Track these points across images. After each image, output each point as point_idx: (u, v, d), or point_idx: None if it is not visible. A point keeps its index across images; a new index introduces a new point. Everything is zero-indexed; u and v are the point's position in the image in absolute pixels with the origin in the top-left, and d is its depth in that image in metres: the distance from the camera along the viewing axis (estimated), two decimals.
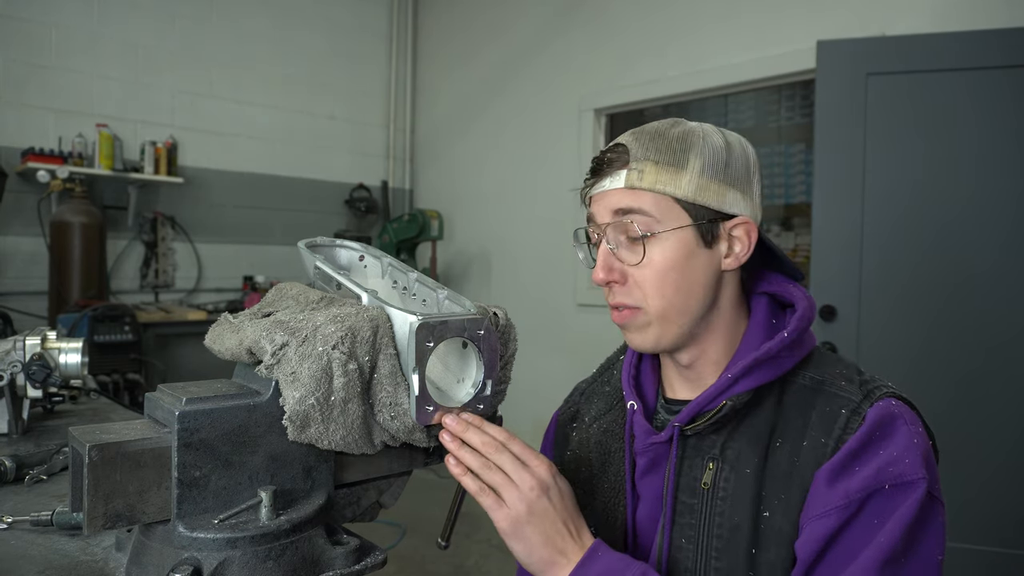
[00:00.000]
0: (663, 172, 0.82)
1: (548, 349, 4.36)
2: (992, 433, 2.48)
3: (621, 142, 0.86)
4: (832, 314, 2.67)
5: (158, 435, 0.64)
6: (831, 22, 3.21)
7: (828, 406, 0.80)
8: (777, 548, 0.77)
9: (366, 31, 5.39)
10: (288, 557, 0.64)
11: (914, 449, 0.75)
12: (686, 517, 0.83)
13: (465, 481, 0.75)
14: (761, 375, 0.83)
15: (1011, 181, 2.46)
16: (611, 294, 0.86)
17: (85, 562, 0.76)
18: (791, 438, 0.80)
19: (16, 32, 3.83)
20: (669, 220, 0.82)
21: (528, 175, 4.74)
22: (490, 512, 0.75)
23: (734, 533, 0.79)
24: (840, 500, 0.73)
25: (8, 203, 3.66)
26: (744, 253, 0.85)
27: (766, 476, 0.80)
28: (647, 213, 0.82)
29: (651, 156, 0.83)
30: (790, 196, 4.79)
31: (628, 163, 0.83)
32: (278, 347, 0.67)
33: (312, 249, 0.93)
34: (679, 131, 0.84)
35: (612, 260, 0.85)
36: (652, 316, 0.84)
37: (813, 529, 0.74)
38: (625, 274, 0.84)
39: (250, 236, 4.81)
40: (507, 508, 0.74)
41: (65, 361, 1.34)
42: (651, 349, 0.87)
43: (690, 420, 0.84)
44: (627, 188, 0.83)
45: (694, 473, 0.84)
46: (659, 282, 0.83)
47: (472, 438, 0.75)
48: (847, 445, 0.76)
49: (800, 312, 0.85)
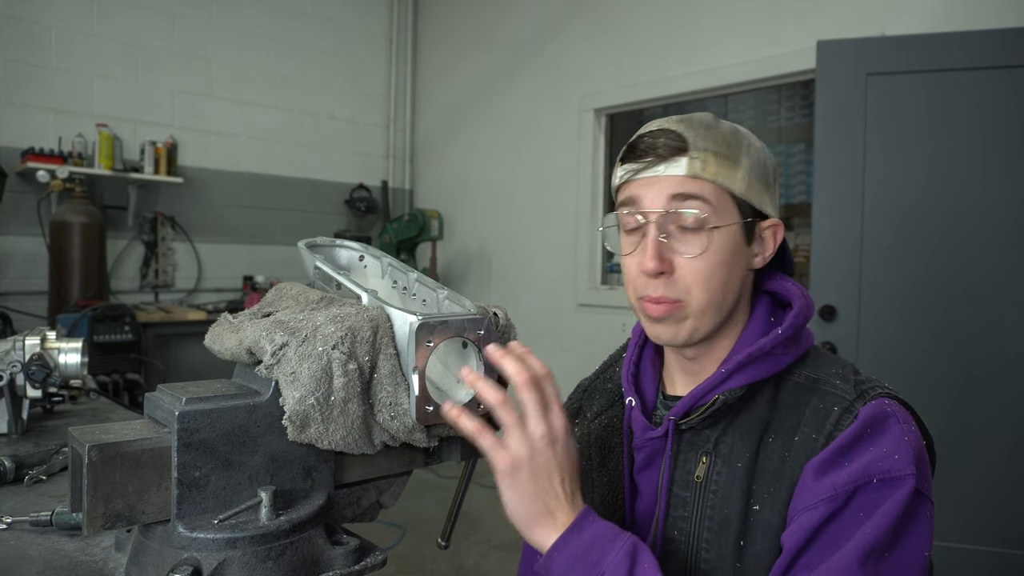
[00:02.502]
0: (723, 165, 0.81)
1: (548, 349, 4.36)
2: (992, 433, 2.48)
3: (671, 128, 0.83)
4: (832, 314, 2.67)
5: (158, 435, 0.64)
6: (831, 22, 3.21)
7: (821, 403, 0.80)
8: (764, 540, 0.77)
9: (366, 31, 5.39)
10: (288, 557, 0.64)
11: (904, 446, 0.75)
12: (679, 510, 0.84)
13: (462, 421, 0.71)
14: (755, 371, 0.83)
15: (1012, 181, 2.46)
16: (652, 285, 0.83)
17: (85, 562, 0.76)
18: (783, 434, 0.80)
19: (16, 32, 3.83)
20: (724, 214, 0.82)
21: (528, 175, 4.74)
22: (490, 453, 0.71)
23: (723, 526, 0.80)
24: (828, 492, 0.73)
25: (8, 203, 3.66)
26: (770, 254, 0.87)
27: (757, 471, 0.80)
28: (709, 202, 0.81)
29: (710, 147, 0.81)
30: (790, 196, 4.79)
31: (687, 151, 0.81)
32: (278, 347, 0.67)
33: (312, 249, 0.93)
34: (728, 127, 0.84)
35: (664, 249, 0.82)
36: (692, 310, 0.82)
37: (800, 520, 0.74)
38: (673, 265, 0.82)
39: (250, 236, 4.81)
40: (510, 450, 0.71)
41: (65, 361, 1.34)
42: (682, 343, 0.85)
43: (684, 414, 0.84)
44: (689, 176, 0.81)
45: (688, 467, 0.84)
46: (710, 275, 0.81)
47: (508, 365, 0.71)
48: (837, 440, 0.76)
49: (796, 309, 0.86)
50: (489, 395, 0.71)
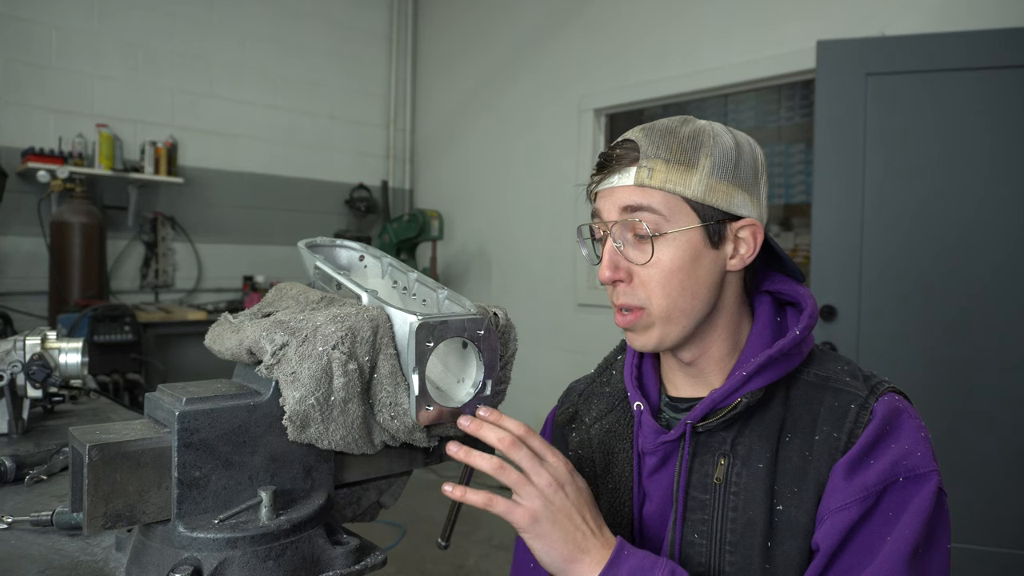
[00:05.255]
0: (673, 171, 0.81)
1: (548, 349, 4.36)
2: (993, 433, 2.48)
3: (630, 138, 0.85)
4: (832, 314, 2.67)
5: (158, 435, 0.64)
6: (831, 22, 3.21)
7: (836, 401, 0.82)
8: (793, 540, 0.78)
9: (366, 31, 5.39)
10: (288, 557, 0.64)
11: (923, 442, 0.78)
12: (698, 513, 0.84)
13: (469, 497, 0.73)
14: (773, 372, 0.84)
15: (1012, 180, 2.46)
16: (615, 293, 0.86)
17: (85, 562, 0.76)
18: (801, 433, 0.82)
19: (16, 32, 3.83)
20: (678, 220, 0.82)
21: (528, 175, 4.74)
22: (507, 516, 0.73)
23: (748, 527, 0.80)
24: (859, 493, 0.76)
25: (8, 203, 3.66)
26: (749, 255, 0.85)
27: (778, 470, 0.81)
28: (656, 211, 0.82)
29: (662, 154, 0.82)
30: (790, 196, 4.79)
31: (638, 160, 0.82)
32: (278, 347, 0.67)
33: (312, 249, 0.93)
34: (690, 129, 0.84)
35: (618, 258, 0.84)
36: (656, 316, 0.84)
37: (834, 521, 0.76)
38: (631, 273, 0.84)
39: (250, 236, 4.81)
40: (524, 505, 0.73)
41: (65, 361, 1.34)
42: (653, 349, 0.87)
43: (703, 417, 0.85)
44: (636, 186, 0.82)
45: (705, 469, 0.84)
46: (665, 282, 0.82)
47: (488, 435, 0.73)
48: (861, 439, 0.78)
49: (808, 310, 0.87)
50: (485, 464, 0.73)
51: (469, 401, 0.75)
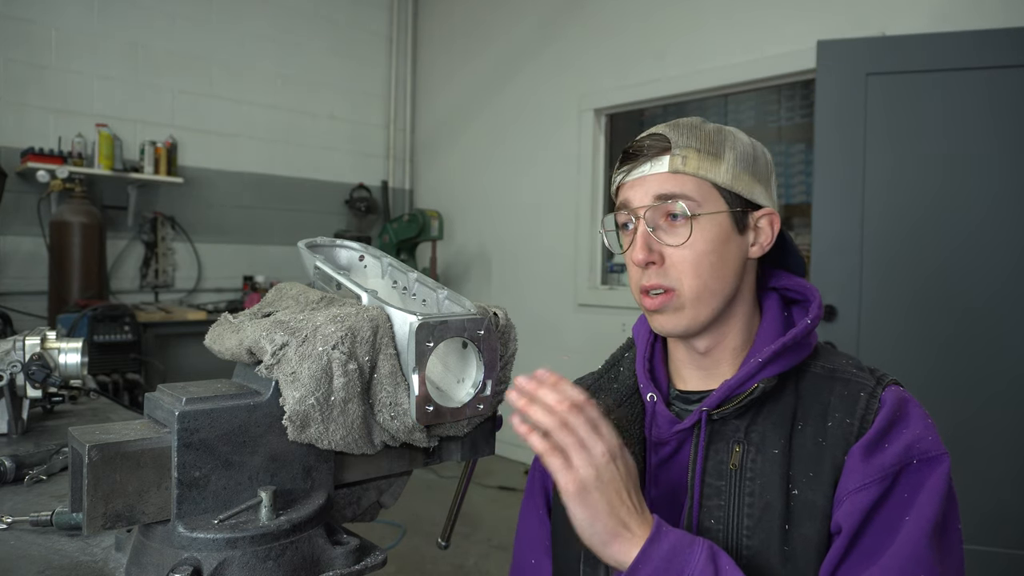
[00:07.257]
0: (704, 159, 0.86)
1: (548, 349, 4.36)
2: (992, 433, 2.48)
3: (657, 132, 0.90)
4: (832, 314, 2.67)
5: (158, 435, 0.64)
6: (831, 22, 3.21)
7: (846, 390, 0.85)
8: (811, 522, 0.80)
9: (366, 31, 5.39)
10: (288, 557, 0.64)
11: (931, 428, 0.82)
12: (714, 499, 0.85)
13: (532, 440, 0.73)
14: (786, 360, 0.87)
15: (1013, 180, 2.46)
16: (645, 275, 0.88)
17: (85, 562, 0.76)
18: (813, 421, 0.84)
19: (16, 32, 3.83)
20: (709, 204, 0.87)
21: (528, 175, 4.74)
22: (556, 474, 0.73)
23: (766, 511, 0.82)
24: (877, 473, 0.78)
25: (8, 203, 3.66)
26: (768, 243, 0.91)
27: (792, 456, 0.83)
28: (690, 198, 0.86)
29: (692, 144, 0.87)
30: (790, 196, 4.79)
31: (669, 149, 0.87)
32: (278, 347, 0.67)
33: (312, 249, 0.93)
34: (712, 126, 0.90)
35: (652, 241, 0.87)
36: (686, 298, 0.87)
37: (854, 501, 0.78)
38: (663, 255, 0.87)
39: (250, 236, 4.81)
40: (575, 471, 0.72)
41: (65, 361, 1.34)
42: (682, 332, 0.89)
43: (718, 404, 0.87)
44: (671, 172, 0.86)
45: (720, 456, 0.86)
46: (697, 263, 0.86)
47: (547, 396, 0.74)
48: (875, 424, 0.81)
49: (816, 302, 0.91)
50: (546, 419, 0.73)
51: (469, 401, 0.75)
